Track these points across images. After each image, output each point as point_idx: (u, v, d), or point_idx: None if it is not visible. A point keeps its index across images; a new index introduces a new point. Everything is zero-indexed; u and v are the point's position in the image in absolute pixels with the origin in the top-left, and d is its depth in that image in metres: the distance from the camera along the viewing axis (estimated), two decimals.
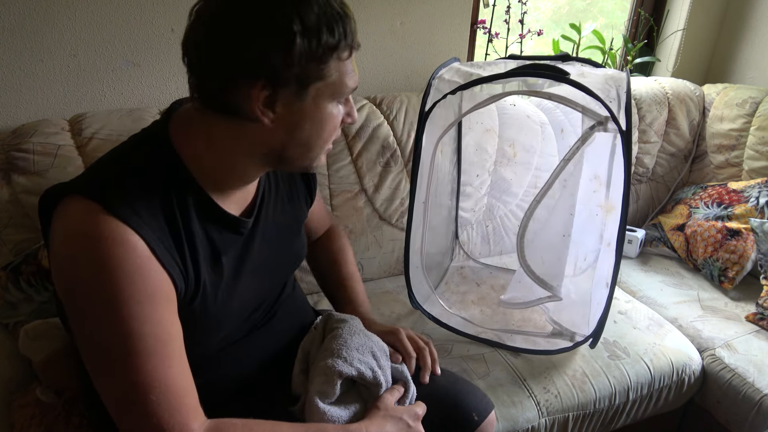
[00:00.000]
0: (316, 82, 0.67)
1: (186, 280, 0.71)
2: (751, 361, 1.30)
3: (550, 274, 1.15)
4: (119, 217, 0.64)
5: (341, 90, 0.70)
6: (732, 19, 2.03)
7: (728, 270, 1.55)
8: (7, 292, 1.08)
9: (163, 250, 0.67)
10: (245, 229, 0.80)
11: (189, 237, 0.72)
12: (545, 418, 1.16)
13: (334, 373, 0.84)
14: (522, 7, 1.69)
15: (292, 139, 0.71)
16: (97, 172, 0.71)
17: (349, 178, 1.45)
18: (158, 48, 1.34)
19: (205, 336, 0.79)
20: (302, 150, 0.73)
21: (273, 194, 0.88)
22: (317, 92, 0.68)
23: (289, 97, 0.67)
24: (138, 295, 0.64)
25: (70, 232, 0.65)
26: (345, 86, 0.70)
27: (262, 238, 0.84)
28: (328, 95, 0.70)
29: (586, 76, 1.08)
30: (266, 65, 0.64)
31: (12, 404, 0.99)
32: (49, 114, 1.30)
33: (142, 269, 0.65)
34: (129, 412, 0.65)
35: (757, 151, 1.74)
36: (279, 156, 0.73)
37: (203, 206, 0.74)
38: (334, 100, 0.71)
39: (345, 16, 0.67)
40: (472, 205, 1.60)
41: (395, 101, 1.49)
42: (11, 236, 1.14)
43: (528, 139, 1.59)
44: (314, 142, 0.73)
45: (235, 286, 0.80)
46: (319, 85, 0.68)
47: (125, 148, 0.74)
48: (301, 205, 0.96)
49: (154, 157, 0.71)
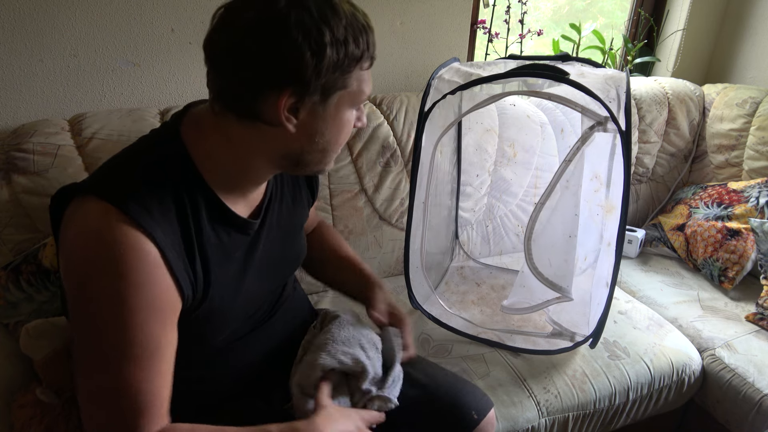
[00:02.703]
0: (339, 91, 0.70)
1: (195, 285, 0.72)
2: (751, 361, 1.30)
3: (559, 276, 1.15)
4: (133, 219, 0.64)
5: (360, 98, 0.73)
6: (732, 19, 2.03)
7: (728, 270, 1.55)
8: (7, 291, 1.08)
9: (175, 256, 0.68)
10: (252, 230, 0.81)
11: (200, 239, 0.73)
12: (545, 418, 1.16)
13: (316, 366, 0.86)
14: (522, 7, 1.69)
15: (312, 144, 0.73)
16: (109, 172, 0.72)
17: (349, 178, 1.45)
18: (158, 48, 1.34)
19: (211, 334, 0.80)
20: (320, 155, 0.75)
21: (279, 196, 0.89)
22: (339, 100, 0.71)
23: (313, 105, 0.69)
24: (143, 305, 0.65)
25: (84, 232, 0.65)
26: (363, 94, 0.73)
27: (267, 239, 0.85)
28: (348, 103, 0.72)
29: (586, 76, 1.08)
30: (296, 74, 0.65)
31: (12, 404, 0.99)
32: (49, 114, 1.30)
33: (152, 278, 0.66)
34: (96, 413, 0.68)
35: (757, 151, 1.74)
36: (296, 160, 0.75)
37: (213, 208, 0.75)
38: (352, 107, 0.74)
39: (368, 28, 0.69)
40: (472, 205, 1.60)
41: (395, 101, 1.49)
42: (11, 236, 1.14)
43: (528, 139, 1.59)
44: (332, 147, 0.75)
45: (241, 285, 0.81)
46: (342, 93, 0.70)
47: (137, 149, 0.75)
48: (304, 208, 0.97)
49: (167, 158, 0.72)
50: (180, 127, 0.74)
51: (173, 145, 0.73)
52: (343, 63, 0.67)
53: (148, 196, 0.67)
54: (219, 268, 0.76)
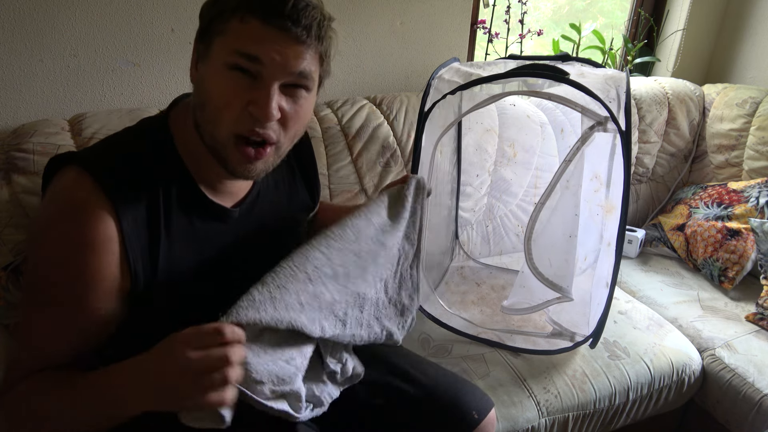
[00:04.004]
0: (217, 37, 0.69)
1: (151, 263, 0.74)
2: (751, 361, 1.30)
3: (559, 276, 1.15)
4: (102, 188, 0.68)
5: (233, 48, 0.67)
6: (732, 19, 2.03)
7: (728, 270, 1.55)
8: (7, 292, 1.08)
9: (133, 233, 0.71)
10: (230, 219, 0.83)
11: (168, 221, 0.75)
12: (545, 418, 1.16)
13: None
14: (522, 7, 1.69)
15: (200, 105, 0.71)
16: (96, 148, 0.77)
17: (349, 178, 1.45)
18: (158, 48, 1.34)
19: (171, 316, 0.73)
20: (209, 124, 0.71)
21: (271, 194, 0.89)
22: (217, 48, 0.69)
23: (201, 53, 0.71)
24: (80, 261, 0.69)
25: (55, 191, 0.71)
26: (239, 49, 0.67)
27: (250, 232, 0.86)
28: (225, 54, 0.68)
29: (586, 76, 1.08)
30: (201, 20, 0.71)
31: None
32: (49, 114, 1.30)
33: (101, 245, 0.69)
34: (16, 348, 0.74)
35: (757, 151, 1.74)
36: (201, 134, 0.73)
37: (188, 194, 0.77)
38: (230, 64, 0.68)
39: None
40: (472, 205, 1.60)
41: (395, 101, 1.49)
42: (11, 236, 1.14)
43: (528, 139, 1.59)
44: (213, 113, 0.70)
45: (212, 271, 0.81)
46: (219, 40, 0.68)
47: (129, 132, 0.79)
48: (301, 211, 0.96)
49: (151, 144, 0.76)
50: (169, 115, 0.78)
51: (160, 132, 0.77)
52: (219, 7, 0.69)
53: (124, 172, 0.71)
54: (185, 251, 0.77)
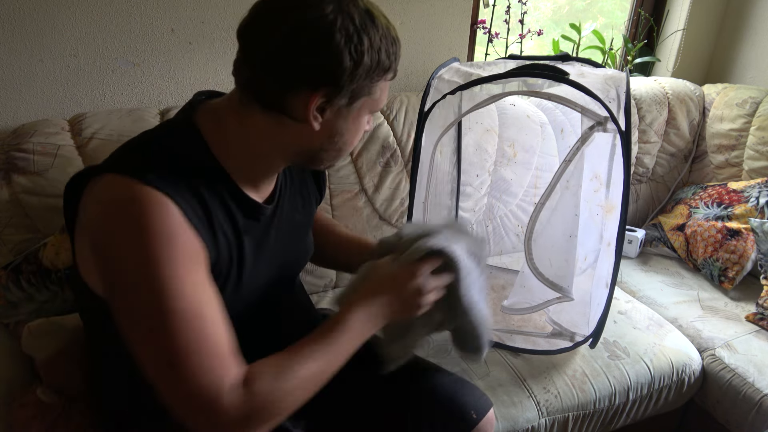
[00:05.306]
0: (364, 97, 0.74)
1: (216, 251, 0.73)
2: (751, 361, 1.30)
3: (559, 276, 1.15)
4: (154, 186, 0.66)
5: (378, 106, 0.79)
6: (732, 19, 2.03)
7: (728, 270, 1.55)
8: (7, 291, 1.08)
9: (195, 219, 0.70)
10: (264, 215, 0.83)
11: (216, 215, 0.74)
12: (545, 418, 1.16)
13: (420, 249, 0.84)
14: (522, 7, 1.69)
15: (331, 143, 0.78)
16: (125, 154, 0.73)
17: (349, 178, 1.45)
18: (158, 48, 1.34)
19: None
20: (335, 153, 0.80)
21: (289, 190, 0.90)
22: (363, 105, 0.76)
23: (340, 107, 0.73)
24: (176, 255, 0.65)
25: (104, 200, 0.67)
26: (382, 102, 0.79)
27: (278, 230, 0.86)
28: (368, 108, 0.77)
29: (586, 76, 1.08)
30: (333, 77, 0.69)
31: (12, 404, 0.99)
32: (49, 114, 1.30)
33: (180, 230, 0.67)
34: (168, 376, 0.65)
35: (757, 151, 1.74)
36: (312, 156, 0.79)
37: (228, 190, 0.76)
38: (370, 113, 0.79)
39: (398, 42, 0.75)
40: (472, 205, 1.60)
41: (395, 101, 1.49)
42: (11, 236, 1.14)
43: (528, 139, 1.59)
44: (347, 147, 0.80)
45: (251, 271, 0.81)
46: (366, 99, 0.75)
47: (153, 135, 0.77)
48: (312, 205, 0.98)
49: (183, 144, 0.74)
50: (194, 115, 0.76)
51: (188, 131, 0.75)
52: (374, 71, 0.72)
53: (163, 170, 0.69)
54: (229, 248, 0.77)
